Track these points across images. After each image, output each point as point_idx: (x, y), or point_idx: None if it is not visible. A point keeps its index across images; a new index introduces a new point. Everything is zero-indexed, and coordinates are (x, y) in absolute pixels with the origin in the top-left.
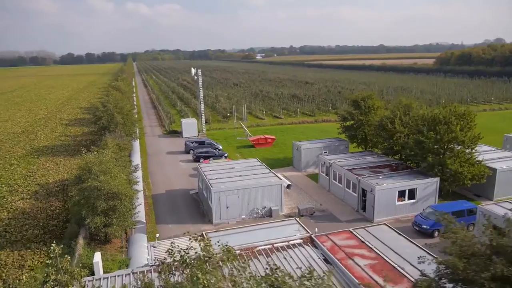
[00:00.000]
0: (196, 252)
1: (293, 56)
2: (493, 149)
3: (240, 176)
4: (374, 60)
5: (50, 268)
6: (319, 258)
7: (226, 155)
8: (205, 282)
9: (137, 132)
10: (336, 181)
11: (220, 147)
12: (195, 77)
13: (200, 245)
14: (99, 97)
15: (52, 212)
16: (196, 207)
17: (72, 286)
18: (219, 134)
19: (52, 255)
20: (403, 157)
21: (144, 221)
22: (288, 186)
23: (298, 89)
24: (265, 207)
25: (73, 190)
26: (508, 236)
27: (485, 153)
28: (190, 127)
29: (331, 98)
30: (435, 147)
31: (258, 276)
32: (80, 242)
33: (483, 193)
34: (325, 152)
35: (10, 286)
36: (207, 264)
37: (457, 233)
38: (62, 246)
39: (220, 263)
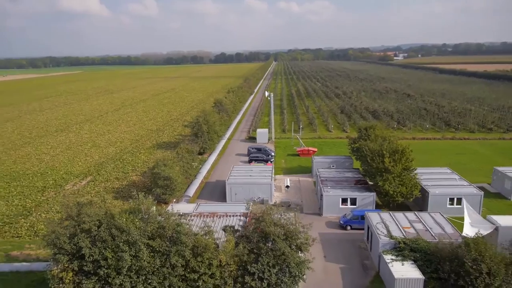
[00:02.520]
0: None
1: (440, 57)
2: (454, 177)
3: (250, 176)
4: None
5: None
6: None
7: (272, 160)
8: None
9: (223, 136)
10: (317, 187)
11: (273, 153)
12: (269, 98)
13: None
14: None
15: (145, 184)
16: (223, 192)
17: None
18: (284, 143)
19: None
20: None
21: (190, 195)
22: (287, 187)
23: (395, 102)
24: (259, 197)
25: (150, 172)
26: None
27: (444, 180)
28: (262, 135)
29: (426, 117)
30: (374, 172)
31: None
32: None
33: (423, 208)
34: (332, 166)
35: (108, 212)
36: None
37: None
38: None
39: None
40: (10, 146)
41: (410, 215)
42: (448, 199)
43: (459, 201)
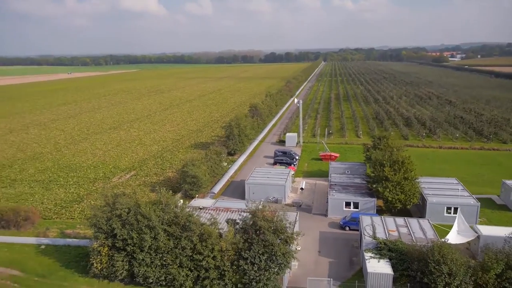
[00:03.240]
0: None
1: (503, 58)
2: (458, 188)
3: (267, 177)
4: None
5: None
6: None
7: (295, 163)
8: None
9: (255, 138)
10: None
11: (297, 157)
12: (298, 105)
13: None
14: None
15: (178, 180)
16: (244, 190)
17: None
18: (311, 147)
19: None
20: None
21: (215, 192)
22: (301, 189)
23: (433, 109)
24: (274, 197)
25: (180, 171)
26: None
27: (447, 189)
28: (291, 139)
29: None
30: (376, 179)
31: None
32: (178, 195)
33: (422, 215)
34: (347, 172)
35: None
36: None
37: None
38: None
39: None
40: (70, 141)
41: (399, 220)
42: (446, 208)
43: (456, 211)
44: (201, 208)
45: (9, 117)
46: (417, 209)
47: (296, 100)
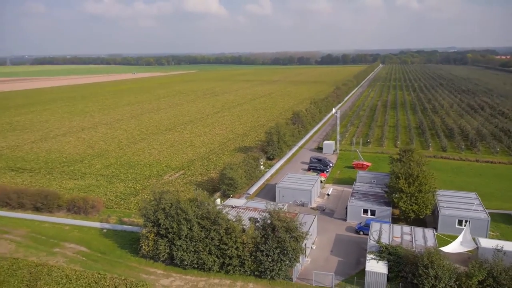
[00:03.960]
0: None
1: None
2: (474, 202)
3: (296, 182)
4: None
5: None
6: None
7: (328, 170)
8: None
9: (295, 144)
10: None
11: (331, 164)
12: (336, 115)
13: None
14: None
15: (218, 181)
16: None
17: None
18: (347, 155)
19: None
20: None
21: (250, 193)
22: (327, 195)
23: (483, 121)
24: (301, 200)
25: (220, 173)
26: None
27: (463, 203)
28: (328, 146)
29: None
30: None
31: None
32: (217, 193)
33: (436, 226)
34: (373, 181)
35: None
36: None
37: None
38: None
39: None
40: (132, 140)
41: (406, 228)
42: (457, 220)
43: (468, 223)
44: (233, 207)
45: (81, 115)
46: (433, 220)
47: (334, 110)
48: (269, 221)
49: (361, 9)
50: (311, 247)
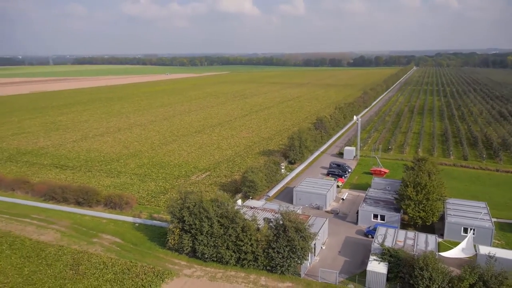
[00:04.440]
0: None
1: None
2: (482, 211)
3: (313, 187)
4: None
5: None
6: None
7: (346, 176)
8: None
9: (318, 149)
10: None
11: (350, 170)
12: (357, 122)
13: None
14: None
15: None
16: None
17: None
18: (367, 161)
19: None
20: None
21: (270, 195)
22: (342, 199)
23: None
24: (316, 204)
25: (242, 175)
26: None
27: (470, 212)
28: (349, 152)
29: None
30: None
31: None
32: (239, 194)
33: (443, 232)
34: (388, 188)
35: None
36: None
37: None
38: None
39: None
40: (163, 141)
41: (410, 233)
42: (462, 228)
43: (473, 231)
44: (252, 207)
45: (118, 116)
46: (442, 227)
47: (355, 118)
48: (281, 222)
49: (396, 8)
50: (321, 247)
